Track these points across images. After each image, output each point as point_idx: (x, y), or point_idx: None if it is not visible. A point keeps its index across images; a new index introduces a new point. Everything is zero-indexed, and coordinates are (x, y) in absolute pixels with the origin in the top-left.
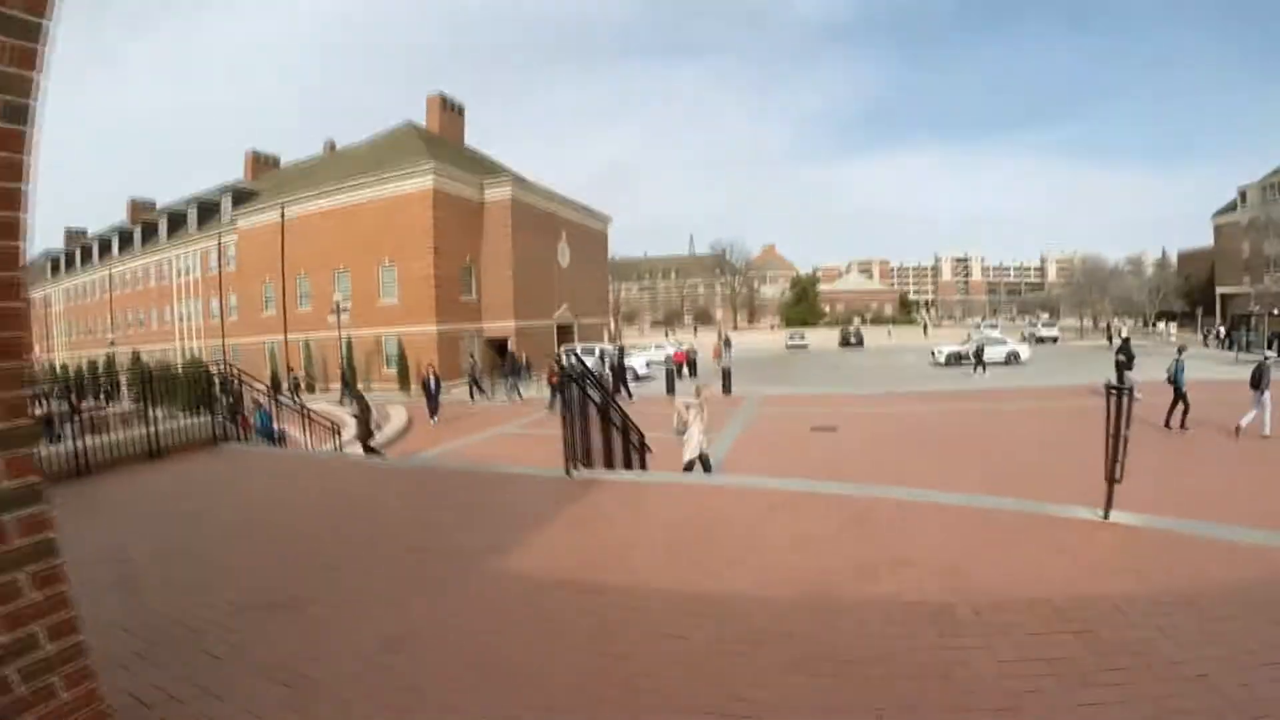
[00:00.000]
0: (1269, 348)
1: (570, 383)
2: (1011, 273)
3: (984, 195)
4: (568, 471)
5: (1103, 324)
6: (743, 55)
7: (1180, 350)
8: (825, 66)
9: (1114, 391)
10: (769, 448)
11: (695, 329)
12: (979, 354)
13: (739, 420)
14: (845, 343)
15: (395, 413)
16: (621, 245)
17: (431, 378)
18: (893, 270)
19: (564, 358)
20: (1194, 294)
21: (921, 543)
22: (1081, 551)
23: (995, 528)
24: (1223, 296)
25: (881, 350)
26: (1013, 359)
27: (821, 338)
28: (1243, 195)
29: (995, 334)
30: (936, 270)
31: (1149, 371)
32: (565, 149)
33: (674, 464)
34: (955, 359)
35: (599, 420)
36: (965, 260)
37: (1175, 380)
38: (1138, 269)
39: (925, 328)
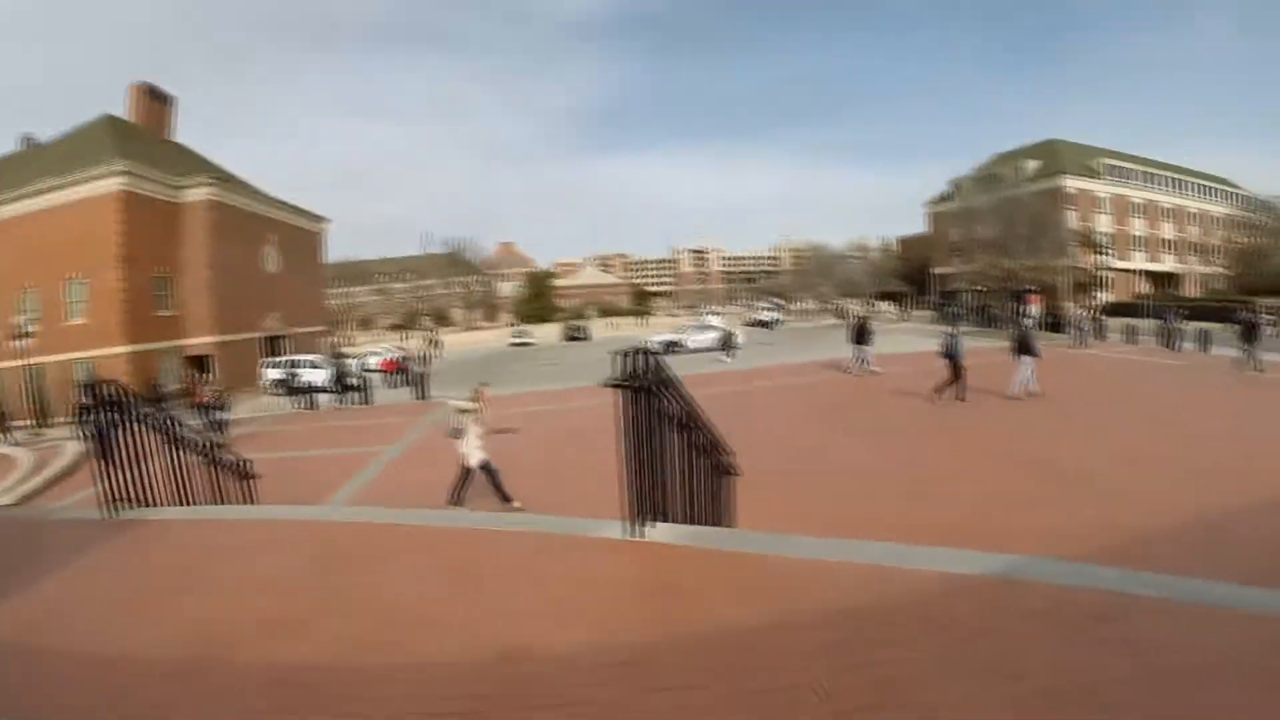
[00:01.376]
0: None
1: (102, 409)
2: (748, 262)
3: (733, 190)
4: (109, 512)
5: (830, 306)
6: (491, 50)
7: (955, 326)
8: (579, 63)
9: (627, 388)
10: (427, 461)
11: (434, 331)
12: (727, 341)
13: (419, 429)
14: (571, 337)
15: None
16: (359, 247)
17: None
18: (634, 264)
19: (100, 388)
20: (912, 275)
21: (372, 580)
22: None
23: (503, 553)
24: (936, 276)
25: (606, 343)
26: (727, 344)
27: (552, 333)
28: (956, 186)
29: (715, 321)
30: (676, 262)
31: (883, 347)
32: (301, 145)
33: (298, 491)
34: (669, 347)
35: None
36: (703, 252)
37: (953, 354)
38: (862, 254)
39: (646, 319)
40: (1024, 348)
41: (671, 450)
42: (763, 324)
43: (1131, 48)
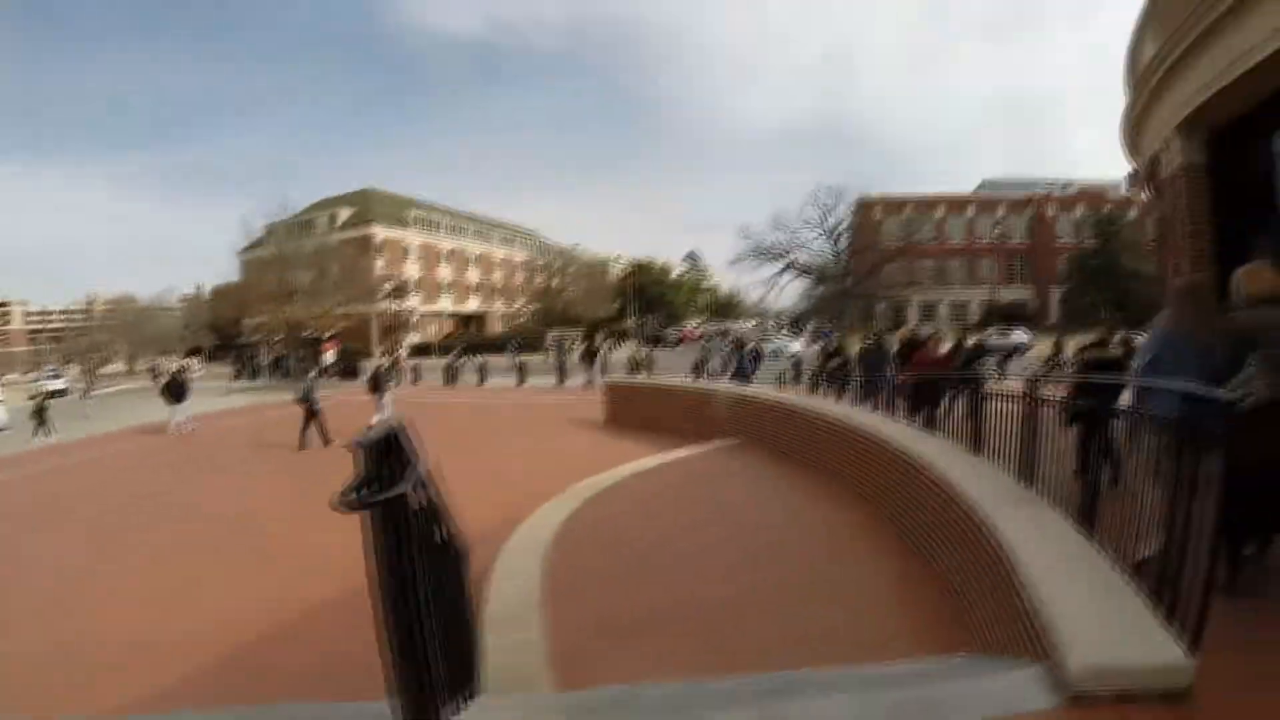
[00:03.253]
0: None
1: None
2: (58, 317)
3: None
4: None
5: (148, 365)
6: None
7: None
8: None
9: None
10: None
11: None
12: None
13: None
14: None
15: None
16: None
17: None
18: None
19: None
20: (226, 327)
21: None
22: None
23: None
24: (250, 327)
25: None
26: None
27: None
28: (270, 232)
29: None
30: None
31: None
32: None
33: None
34: None
35: None
36: (4, 306)
37: (309, 399)
38: (174, 307)
39: None
40: (376, 387)
41: None
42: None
43: (470, 107)
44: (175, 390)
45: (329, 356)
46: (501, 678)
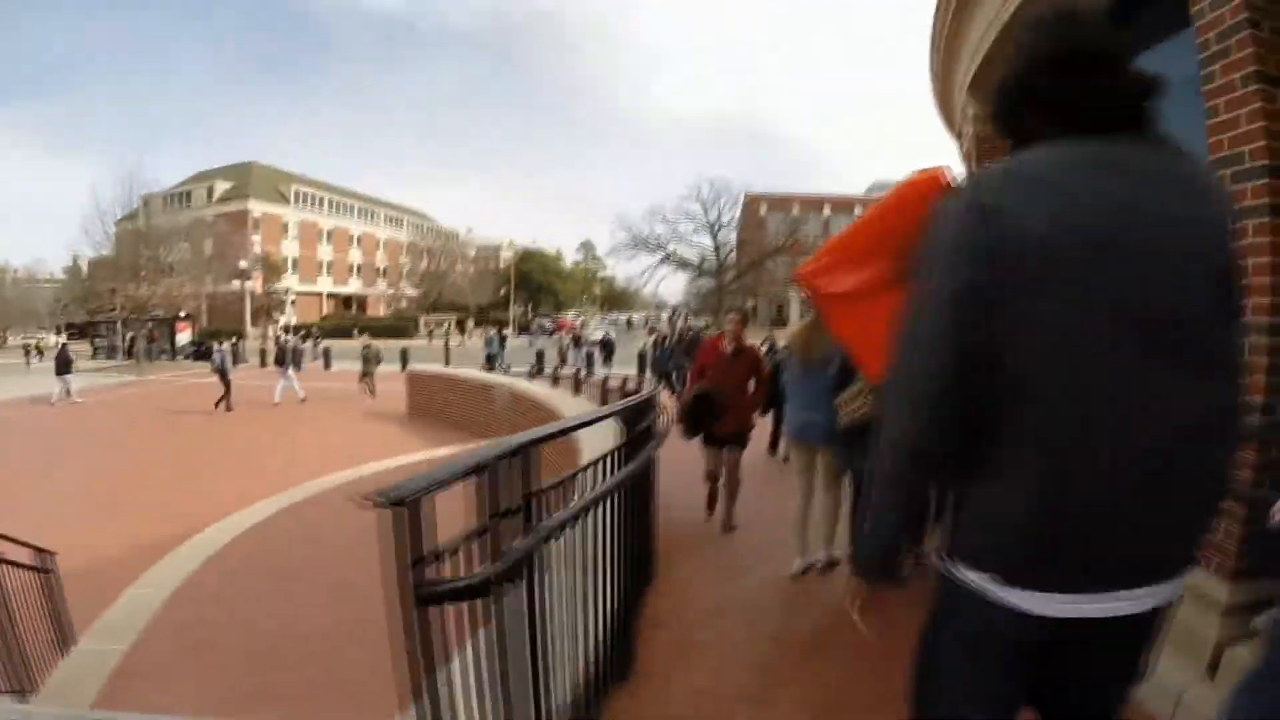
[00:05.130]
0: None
1: None
2: None
3: None
4: None
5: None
6: None
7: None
8: None
9: None
10: None
11: None
12: None
13: None
14: None
15: None
16: None
17: None
18: None
19: None
20: (103, 302)
21: None
22: None
23: None
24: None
25: None
26: None
27: None
28: (144, 203)
29: None
30: None
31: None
32: None
33: None
34: None
35: None
36: None
37: (223, 369)
38: (45, 279)
39: None
40: (280, 361)
41: None
42: None
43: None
44: (62, 363)
45: (183, 337)
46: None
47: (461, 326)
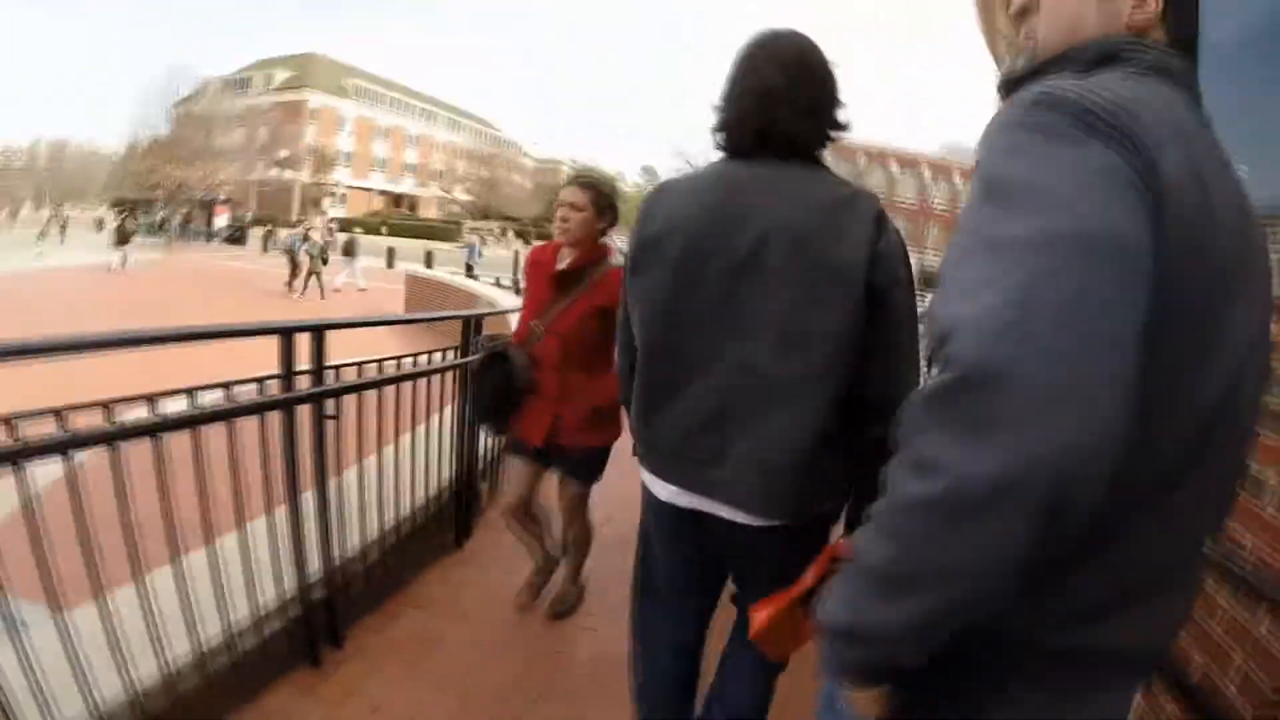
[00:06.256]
0: None
1: None
2: None
3: None
4: None
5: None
6: None
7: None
8: None
9: None
10: None
11: None
12: None
13: None
14: None
15: None
16: None
17: None
18: None
19: None
20: (159, 181)
21: None
22: None
23: None
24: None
25: None
26: None
27: None
28: (204, 87)
29: None
30: None
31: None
32: None
33: None
34: None
35: None
36: None
37: (293, 252)
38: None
39: None
40: (349, 251)
41: None
42: None
43: None
44: (122, 236)
45: (220, 220)
46: None
47: (503, 236)
